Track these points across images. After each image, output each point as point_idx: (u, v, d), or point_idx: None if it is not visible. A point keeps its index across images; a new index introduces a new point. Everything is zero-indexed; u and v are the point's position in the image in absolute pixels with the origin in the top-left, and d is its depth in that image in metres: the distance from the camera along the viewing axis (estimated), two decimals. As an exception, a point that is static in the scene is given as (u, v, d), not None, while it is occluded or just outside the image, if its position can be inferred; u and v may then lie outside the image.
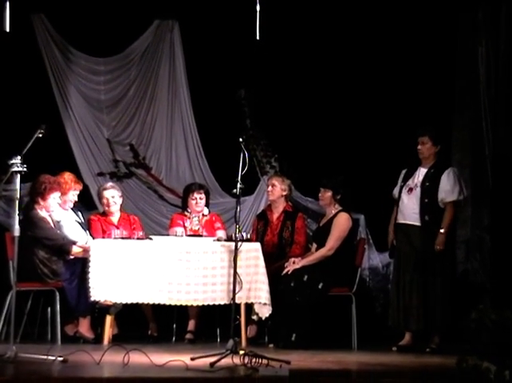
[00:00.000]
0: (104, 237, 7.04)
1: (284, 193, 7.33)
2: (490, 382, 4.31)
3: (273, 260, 7.04)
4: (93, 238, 6.98)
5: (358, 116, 8.09)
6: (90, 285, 6.49)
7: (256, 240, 7.19)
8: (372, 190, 7.16)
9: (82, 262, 6.68)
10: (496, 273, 7.16)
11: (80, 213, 7.26)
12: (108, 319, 6.62)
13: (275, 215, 7.38)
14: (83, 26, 8.19)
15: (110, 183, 7.48)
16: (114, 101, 8.53)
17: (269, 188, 7.37)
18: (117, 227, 7.15)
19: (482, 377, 4.32)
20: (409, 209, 6.73)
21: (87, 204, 8.02)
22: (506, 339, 4.39)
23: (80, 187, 7.14)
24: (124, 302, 6.60)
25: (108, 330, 6.61)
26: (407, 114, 7.77)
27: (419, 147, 6.77)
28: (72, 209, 7.14)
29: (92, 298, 6.50)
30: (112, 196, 7.26)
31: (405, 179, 6.84)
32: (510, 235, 6.97)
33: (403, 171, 6.91)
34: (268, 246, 7.20)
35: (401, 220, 6.80)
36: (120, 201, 7.32)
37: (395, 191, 6.87)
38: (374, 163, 7.82)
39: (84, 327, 6.76)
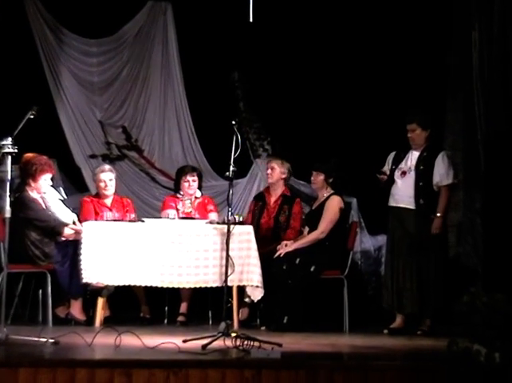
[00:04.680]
0: (96, 219, 7.01)
1: (283, 176, 7.32)
2: (480, 364, 4.33)
3: (268, 243, 7.04)
4: (85, 219, 6.96)
5: (351, 99, 8.08)
6: (82, 267, 6.48)
7: (252, 221, 7.20)
8: (365, 173, 7.15)
9: (74, 245, 6.67)
10: (488, 256, 7.18)
11: (61, 189, 7.20)
12: (100, 301, 6.61)
13: (273, 198, 7.37)
14: (75, 7, 8.14)
15: (107, 166, 7.45)
16: (107, 83, 8.50)
17: (269, 171, 7.35)
18: (110, 210, 7.13)
19: (473, 359, 4.34)
20: (403, 192, 6.72)
21: (79, 186, 8.02)
22: (496, 322, 4.41)
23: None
24: (116, 285, 6.60)
25: (100, 312, 6.60)
26: (400, 97, 7.76)
27: (410, 135, 6.76)
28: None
29: (84, 280, 6.49)
30: (110, 179, 7.24)
31: (396, 163, 6.84)
32: (502, 219, 6.98)
33: (392, 154, 6.90)
34: (263, 229, 7.20)
35: (394, 203, 6.80)
36: (115, 184, 7.30)
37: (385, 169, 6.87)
38: (367, 146, 7.81)
39: (75, 309, 6.76)
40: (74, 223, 6.91)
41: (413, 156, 6.79)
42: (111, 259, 6.54)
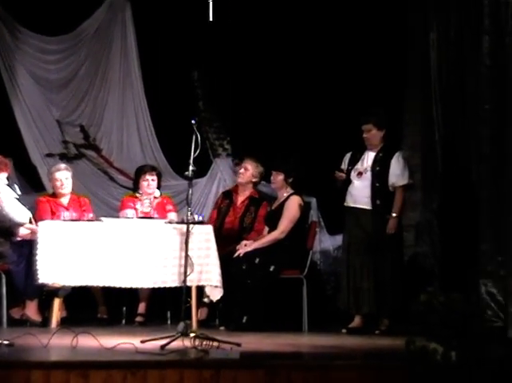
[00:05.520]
0: (53, 219, 6.95)
1: (254, 179, 7.31)
2: (437, 363, 4.37)
3: (229, 243, 7.02)
4: (41, 219, 6.88)
5: (310, 99, 8.09)
6: (38, 267, 6.40)
7: (217, 217, 7.18)
8: (324, 173, 7.18)
9: (30, 244, 6.59)
10: (444, 256, 7.24)
11: (15, 185, 7.11)
12: (56, 302, 6.55)
13: (240, 199, 7.35)
14: (32, 4, 8.05)
15: (63, 165, 7.40)
16: (64, 81, 8.42)
17: (241, 170, 7.33)
18: (67, 209, 7.07)
19: (430, 357, 4.38)
20: (360, 193, 6.76)
21: (35, 185, 7.93)
22: (452, 321, 4.45)
23: (8, 171, 6.93)
24: (72, 285, 6.54)
25: (56, 313, 6.54)
26: (358, 96, 7.79)
27: (365, 135, 6.81)
28: (7, 185, 6.98)
29: (39, 281, 6.42)
30: (66, 178, 7.19)
31: (352, 163, 6.87)
32: (458, 219, 7.05)
33: (348, 155, 6.94)
34: (227, 228, 7.19)
35: (351, 204, 6.83)
36: (71, 183, 7.23)
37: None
38: (326, 146, 7.83)
39: (31, 310, 6.69)
40: (30, 221, 6.83)
41: (369, 157, 6.83)
42: (67, 259, 6.47)
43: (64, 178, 7.18)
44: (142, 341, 5.44)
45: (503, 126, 6.32)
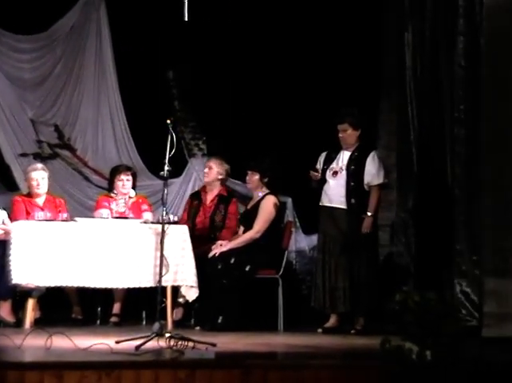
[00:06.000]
0: (28, 219, 6.90)
1: (220, 177, 7.31)
2: (412, 362, 4.38)
3: (203, 242, 7.02)
4: (16, 219, 6.83)
5: (285, 99, 8.10)
6: (11, 268, 6.35)
7: (187, 220, 7.17)
8: (299, 173, 7.19)
9: (3, 245, 6.54)
10: (419, 256, 7.28)
11: None
12: (30, 302, 6.50)
13: (209, 197, 7.35)
14: (5, 3, 7.97)
15: (40, 165, 7.35)
16: (39, 80, 8.36)
17: (206, 170, 7.35)
18: (42, 209, 7.03)
19: (405, 357, 4.39)
20: (335, 192, 6.78)
21: (9, 185, 7.87)
22: (427, 320, 4.47)
23: None
24: (47, 286, 6.49)
25: (30, 314, 6.49)
26: (334, 96, 7.81)
27: (341, 135, 6.83)
28: None
29: (13, 281, 6.37)
30: (42, 178, 7.14)
31: (327, 162, 6.88)
32: (434, 219, 7.08)
33: (323, 154, 6.95)
34: (198, 228, 7.18)
35: (326, 203, 6.85)
36: (47, 183, 7.19)
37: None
38: (301, 145, 7.84)
39: (4, 311, 6.64)
40: (3, 222, 6.78)
41: (344, 156, 6.84)
42: (42, 260, 6.42)
43: (40, 178, 7.14)
44: (117, 342, 5.41)
45: (478, 126, 6.36)
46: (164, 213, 6.04)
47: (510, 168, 6.07)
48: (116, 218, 6.99)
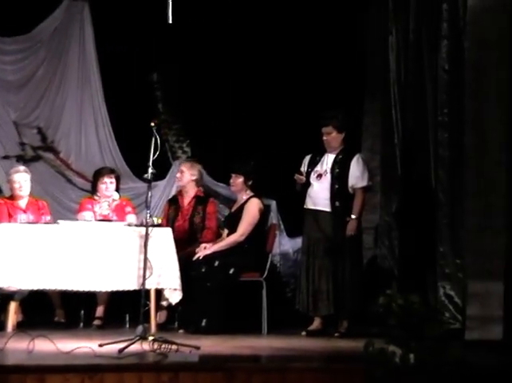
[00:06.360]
0: (10, 221, 6.87)
1: (193, 178, 7.31)
2: (395, 365, 4.39)
3: (185, 246, 7.01)
4: (-2, 222, 6.81)
5: (270, 101, 8.11)
6: (-6, 270, 6.33)
7: (166, 225, 7.15)
8: (284, 176, 7.19)
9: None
10: (403, 259, 7.29)
11: None
12: (13, 305, 6.47)
13: (186, 200, 7.35)
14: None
15: (22, 167, 7.32)
16: (22, 82, 8.32)
17: (178, 175, 7.35)
18: (25, 212, 7.01)
19: (388, 360, 4.40)
20: (319, 195, 6.78)
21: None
22: (411, 323, 4.47)
23: None
24: (29, 289, 6.46)
25: (13, 317, 6.45)
26: (318, 99, 7.82)
27: (325, 137, 6.83)
28: None
29: (-6, 284, 6.34)
30: (25, 180, 7.12)
31: (311, 165, 6.89)
32: (417, 222, 7.10)
33: (308, 157, 6.96)
34: (179, 232, 7.16)
35: (311, 206, 6.85)
36: (29, 185, 7.15)
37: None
38: (285, 148, 7.85)
39: (-14, 314, 6.60)
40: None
41: (329, 159, 6.85)
42: (24, 263, 6.37)
43: (22, 180, 7.11)
44: (100, 345, 5.40)
45: (461, 130, 6.38)
46: (148, 216, 6.02)
47: (492, 171, 6.10)
48: (100, 220, 6.97)
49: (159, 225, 6.69)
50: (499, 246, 6.02)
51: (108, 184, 7.29)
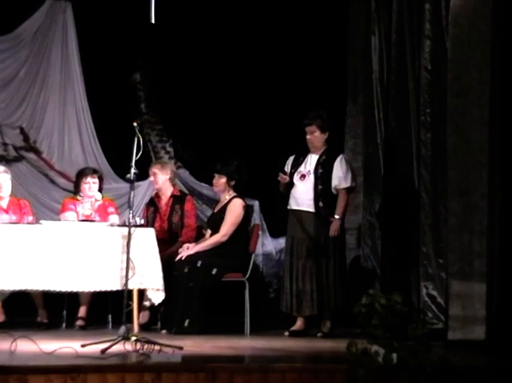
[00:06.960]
0: (-9, 222, 6.83)
1: (167, 177, 7.29)
2: (378, 365, 4.39)
3: (166, 246, 7.00)
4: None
5: (253, 101, 8.11)
6: (-25, 271, 6.29)
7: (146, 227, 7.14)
8: (266, 176, 7.20)
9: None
10: (386, 259, 7.31)
11: None
12: (-5, 306, 6.44)
13: (163, 201, 7.34)
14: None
15: (2, 167, 7.27)
16: (4, 82, 8.28)
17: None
18: (6, 212, 6.97)
19: (371, 360, 4.40)
20: (303, 196, 6.79)
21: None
22: (394, 323, 4.48)
23: None
24: (11, 289, 6.42)
25: (-5, 318, 6.43)
26: (301, 99, 7.83)
27: (308, 137, 6.84)
28: None
29: (-24, 285, 6.30)
30: (5, 181, 7.07)
31: (295, 166, 6.90)
32: (400, 222, 7.12)
33: (291, 158, 6.96)
34: (159, 233, 7.12)
35: (294, 206, 6.85)
36: (10, 185, 7.11)
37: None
38: (268, 148, 7.86)
39: (-32, 314, 6.57)
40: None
41: (312, 160, 6.86)
42: (6, 263, 6.32)
43: (3, 181, 7.07)
44: (82, 345, 5.38)
45: (444, 130, 6.40)
46: (131, 216, 6.01)
47: (474, 172, 6.13)
48: (82, 221, 6.94)
49: (142, 225, 6.67)
50: (481, 246, 6.04)
51: (91, 184, 7.27)
